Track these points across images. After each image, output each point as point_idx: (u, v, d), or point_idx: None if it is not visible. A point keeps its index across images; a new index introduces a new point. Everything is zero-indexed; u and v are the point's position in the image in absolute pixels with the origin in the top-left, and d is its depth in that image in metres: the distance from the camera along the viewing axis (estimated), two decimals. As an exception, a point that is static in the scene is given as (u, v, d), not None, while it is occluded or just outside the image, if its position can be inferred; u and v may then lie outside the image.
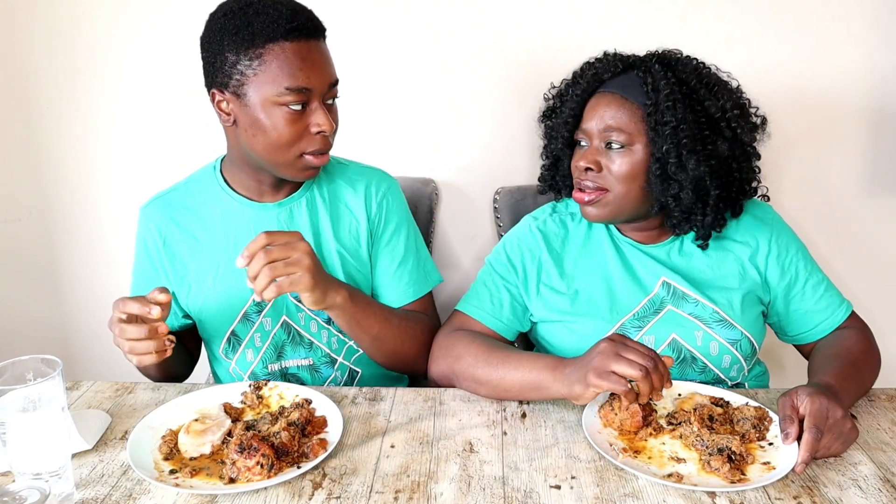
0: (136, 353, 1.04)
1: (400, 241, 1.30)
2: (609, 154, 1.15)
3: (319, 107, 1.11)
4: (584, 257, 1.25)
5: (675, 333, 1.19)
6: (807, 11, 1.62)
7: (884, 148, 1.70)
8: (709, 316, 1.18)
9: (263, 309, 1.24)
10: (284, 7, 1.09)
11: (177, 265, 1.26)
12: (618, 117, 1.14)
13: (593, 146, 1.16)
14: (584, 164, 1.15)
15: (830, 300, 1.23)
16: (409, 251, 1.31)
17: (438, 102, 1.72)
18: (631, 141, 1.13)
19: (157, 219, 1.27)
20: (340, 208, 1.28)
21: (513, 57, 1.67)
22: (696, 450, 0.96)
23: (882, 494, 0.88)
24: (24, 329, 1.91)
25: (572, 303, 1.22)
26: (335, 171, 1.30)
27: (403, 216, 1.32)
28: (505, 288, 1.25)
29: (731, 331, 1.18)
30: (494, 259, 1.29)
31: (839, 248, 1.74)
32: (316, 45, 1.11)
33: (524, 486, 0.91)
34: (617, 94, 1.15)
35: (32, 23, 1.71)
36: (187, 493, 0.89)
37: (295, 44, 1.08)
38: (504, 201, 1.66)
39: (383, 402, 1.12)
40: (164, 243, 1.26)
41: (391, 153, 1.74)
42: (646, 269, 1.23)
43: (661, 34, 1.64)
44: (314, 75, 1.09)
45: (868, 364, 1.16)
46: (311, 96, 1.10)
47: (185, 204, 1.27)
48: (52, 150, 1.80)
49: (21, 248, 1.86)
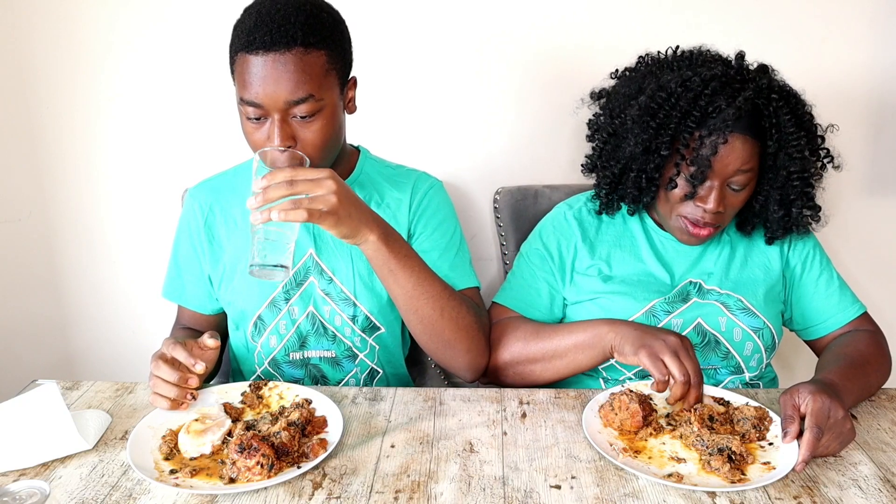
0: (156, 390, 1.05)
1: (444, 234, 1.28)
2: (727, 191, 1.15)
3: (275, 122, 1.07)
4: (618, 247, 1.28)
5: (700, 318, 1.21)
6: (806, 11, 1.62)
7: (884, 148, 1.70)
8: (733, 304, 1.22)
9: (291, 298, 1.25)
10: (268, 15, 1.05)
11: (214, 247, 1.28)
12: (748, 162, 1.12)
13: (717, 185, 1.13)
14: (715, 207, 1.14)
15: (843, 297, 1.26)
16: (452, 244, 1.28)
17: (438, 102, 1.71)
18: (751, 180, 1.15)
19: (201, 200, 1.30)
20: (385, 211, 1.26)
21: (513, 57, 1.68)
22: (696, 450, 0.96)
23: (882, 494, 0.88)
24: (24, 329, 1.91)
25: (604, 282, 1.24)
26: (378, 172, 1.30)
27: (449, 213, 1.31)
28: (542, 277, 1.28)
29: (755, 319, 1.21)
30: (529, 248, 1.31)
31: (839, 248, 1.74)
32: (274, 60, 1.04)
33: (524, 486, 0.91)
34: (749, 137, 1.11)
35: (33, 23, 1.71)
36: (187, 493, 0.89)
37: (252, 56, 1.05)
38: (504, 201, 1.66)
39: (383, 401, 1.12)
40: (206, 224, 1.29)
41: (391, 153, 1.74)
42: (677, 262, 1.25)
43: (659, 34, 1.64)
44: (263, 91, 1.05)
45: (876, 368, 1.16)
46: (268, 110, 1.07)
47: (230, 188, 1.30)
48: (52, 150, 1.80)
49: (21, 248, 1.86)
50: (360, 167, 1.28)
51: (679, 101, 1.12)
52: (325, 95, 1.08)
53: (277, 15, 1.05)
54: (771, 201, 1.18)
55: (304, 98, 1.06)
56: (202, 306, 1.32)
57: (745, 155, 1.11)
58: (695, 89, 1.12)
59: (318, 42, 1.06)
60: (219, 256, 1.28)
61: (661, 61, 1.23)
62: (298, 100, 1.06)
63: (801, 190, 1.16)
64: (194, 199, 1.31)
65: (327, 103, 1.09)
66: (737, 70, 1.15)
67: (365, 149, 1.34)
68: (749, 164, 1.12)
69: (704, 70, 1.13)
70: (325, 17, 1.09)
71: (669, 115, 1.13)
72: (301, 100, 1.06)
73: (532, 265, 1.29)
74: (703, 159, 1.10)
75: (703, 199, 1.14)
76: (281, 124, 1.07)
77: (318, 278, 1.24)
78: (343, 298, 1.24)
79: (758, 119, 1.11)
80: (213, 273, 1.28)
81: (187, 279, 1.31)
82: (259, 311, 1.26)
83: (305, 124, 1.08)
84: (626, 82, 1.24)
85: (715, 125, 1.09)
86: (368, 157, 1.32)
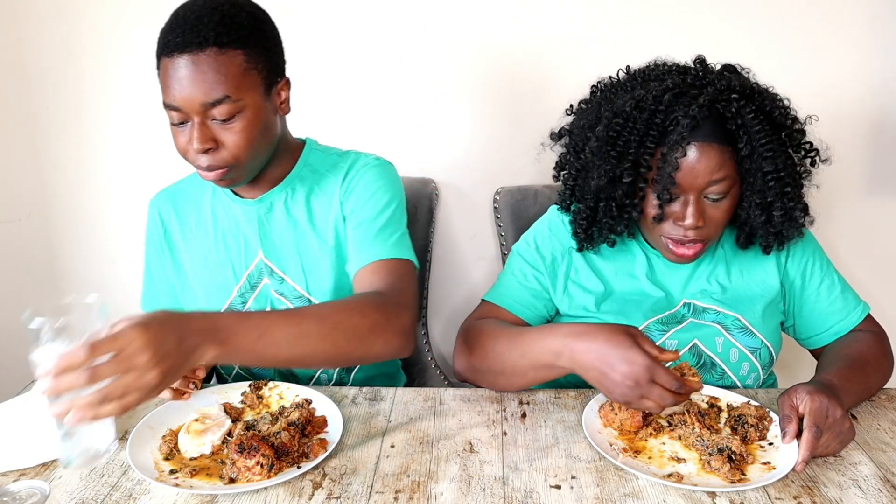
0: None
1: (373, 208, 1.18)
2: (705, 203, 1.09)
3: (193, 125, 1.05)
4: (614, 259, 1.24)
5: (696, 339, 1.18)
6: (806, 12, 1.62)
7: (884, 147, 1.70)
8: (731, 323, 1.18)
9: (247, 302, 1.24)
10: (183, 17, 1.04)
11: (174, 255, 1.28)
12: (719, 171, 1.06)
13: (693, 199, 1.08)
14: (694, 223, 1.08)
15: (846, 302, 1.23)
16: (380, 218, 1.17)
17: (439, 102, 1.71)
18: (730, 188, 1.08)
19: (160, 209, 1.30)
20: (323, 200, 1.22)
21: (514, 57, 1.68)
22: (696, 450, 0.96)
23: (882, 494, 0.88)
24: (24, 329, 1.91)
25: (598, 302, 1.21)
26: (321, 162, 1.25)
27: (383, 189, 1.20)
28: (534, 277, 1.24)
29: (753, 339, 1.18)
30: (522, 248, 1.28)
31: (839, 248, 1.74)
32: (188, 61, 1.02)
33: (524, 486, 0.90)
34: (714, 144, 1.05)
35: (33, 23, 1.71)
36: (187, 493, 0.89)
37: (169, 59, 1.04)
38: (504, 201, 1.66)
39: (383, 402, 1.12)
40: (165, 232, 1.29)
41: (391, 153, 1.74)
42: (672, 283, 1.22)
43: (658, 35, 1.64)
44: (179, 94, 1.03)
45: (876, 369, 1.14)
46: (187, 113, 1.05)
47: (187, 195, 1.29)
48: (52, 150, 1.80)
49: (21, 248, 1.86)
50: (302, 161, 1.23)
51: (635, 124, 1.07)
52: (243, 96, 1.05)
53: (192, 16, 1.04)
54: (752, 206, 1.11)
55: (220, 99, 1.03)
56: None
57: (714, 163, 1.05)
58: (648, 108, 1.06)
59: (233, 42, 1.04)
60: (179, 264, 1.28)
61: (614, 85, 1.18)
62: (214, 101, 1.03)
63: (780, 190, 1.08)
64: (153, 208, 1.30)
65: (247, 104, 1.06)
66: (695, 76, 1.10)
67: (312, 140, 1.28)
68: (721, 173, 1.06)
69: (656, 85, 1.08)
70: (242, 16, 1.06)
71: (628, 141, 1.08)
72: (217, 101, 1.03)
73: (524, 263, 1.26)
74: (666, 177, 1.05)
75: (680, 217, 1.09)
76: (200, 127, 1.05)
77: (270, 279, 1.23)
78: (297, 296, 1.23)
79: (722, 123, 1.05)
80: (176, 281, 1.28)
81: (160, 289, 1.31)
82: None
83: (226, 127, 1.06)
84: (584, 115, 1.19)
85: (673, 139, 1.04)
86: (313, 149, 1.26)
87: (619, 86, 1.17)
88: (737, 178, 1.09)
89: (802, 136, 1.13)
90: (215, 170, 1.09)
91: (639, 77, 1.15)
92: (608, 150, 1.09)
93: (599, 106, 1.16)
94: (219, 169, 1.09)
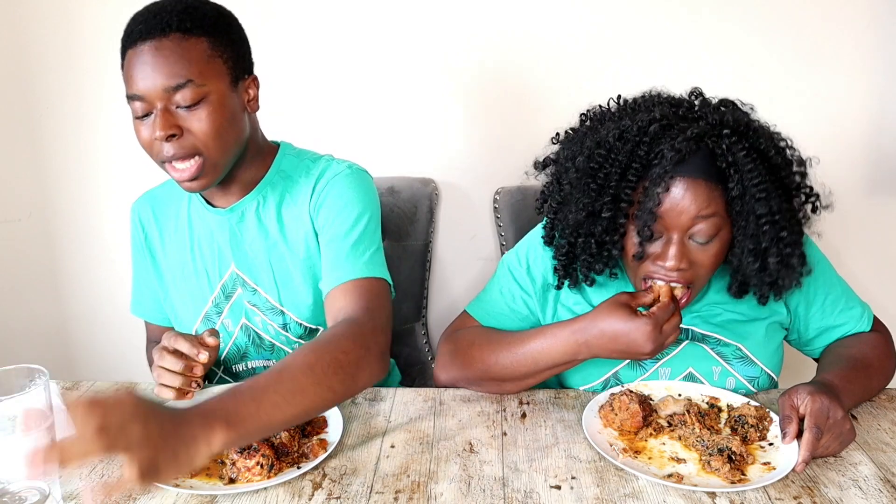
0: (161, 381, 1.06)
1: (344, 221, 1.14)
2: (691, 246, 1.02)
3: (157, 114, 1.03)
4: (607, 286, 1.16)
5: (692, 367, 1.15)
6: (807, 12, 1.62)
7: (884, 148, 1.70)
8: (730, 353, 1.14)
9: (222, 311, 1.23)
10: (147, 9, 1.05)
11: (155, 260, 1.28)
12: (706, 209, 0.98)
13: (676, 239, 1.01)
14: (675, 264, 1.01)
15: (851, 314, 1.19)
16: (352, 233, 1.13)
17: (438, 102, 1.72)
18: (718, 229, 1.01)
19: (140, 213, 1.29)
20: (293, 210, 1.18)
21: (513, 57, 1.68)
22: (696, 450, 0.96)
23: (882, 495, 0.88)
24: (24, 329, 1.91)
25: None
26: (295, 167, 1.20)
27: (354, 200, 1.15)
28: (522, 299, 1.20)
29: (752, 368, 1.15)
30: (513, 264, 1.22)
31: (839, 248, 1.74)
32: (151, 47, 1.02)
33: (524, 486, 0.90)
34: (702, 181, 0.98)
35: (33, 23, 1.71)
36: (187, 493, 0.89)
37: (131, 50, 1.03)
38: (504, 201, 1.66)
39: (383, 402, 1.12)
40: (146, 238, 1.28)
41: (391, 153, 1.74)
42: None
43: (658, 35, 1.64)
44: (142, 82, 1.02)
45: (878, 370, 1.13)
46: (151, 102, 1.03)
47: (166, 201, 1.28)
48: (52, 150, 1.80)
49: (21, 248, 1.86)
50: (275, 166, 1.19)
51: (618, 156, 1.01)
52: (207, 82, 1.04)
53: (155, 8, 1.05)
54: (745, 252, 1.02)
55: (183, 83, 1.02)
56: (166, 320, 1.31)
57: (701, 201, 0.97)
58: (632, 139, 1.00)
59: (196, 28, 1.04)
60: (159, 270, 1.27)
61: (602, 114, 1.11)
62: (177, 85, 1.02)
63: (775, 235, 0.99)
64: (135, 213, 1.29)
65: (212, 90, 1.04)
66: (687, 109, 1.04)
67: (287, 143, 1.25)
68: (708, 210, 0.98)
69: (643, 115, 1.02)
70: (207, 8, 1.08)
71: (609, 173, 1.01)
72: (179, 85, 1.02)
73: (512, 281, 1.21)
74: (647, 212, 0.98)
75: (662, 257, 1.02)
76: (163, 113, 1.03)
77: (244, 290, 1.21)
78: (269, 308, 1.21)
79: (713, 160, 0.98)
80: (157, 287, 1.28)
81: (146, 294, 1.31)
82: (195, 325, 1.24)
83: (191, 113, 1.04)
84: (569, 144, 1.12)
85: (656, 172, 0.98)
86: (287, 154, 1.22)
87: (607, 115, 1.11)
88: (727, 220, 1.01)
89: (803, 178, 1.06)
90: (182, 160, 1.05)
91: (629, 107, 1.10)
92: (588, 182, 1.03)
93: (585, 135, 1.10)
94: (185, 158, 1.05)
